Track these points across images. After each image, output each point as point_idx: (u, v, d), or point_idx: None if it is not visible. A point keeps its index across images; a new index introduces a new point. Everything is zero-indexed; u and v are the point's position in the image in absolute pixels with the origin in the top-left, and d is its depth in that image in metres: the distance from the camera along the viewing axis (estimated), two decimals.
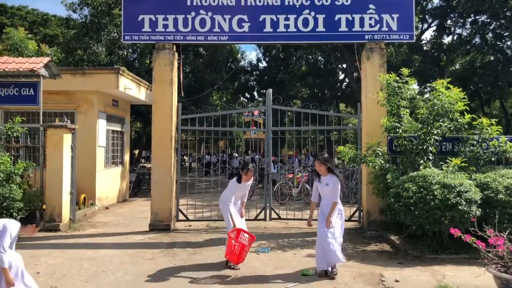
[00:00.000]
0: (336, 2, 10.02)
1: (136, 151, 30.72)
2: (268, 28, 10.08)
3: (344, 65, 26.33)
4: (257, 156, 19.48)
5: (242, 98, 33.12)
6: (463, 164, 8.26)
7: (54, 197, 9.96)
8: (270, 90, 10.94)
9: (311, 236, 6.41)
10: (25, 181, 10.09)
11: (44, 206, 9.99)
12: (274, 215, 10.92)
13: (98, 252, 7.99)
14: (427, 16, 23.62)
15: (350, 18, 10.01)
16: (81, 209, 11.88)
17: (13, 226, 5.08)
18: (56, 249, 8.11)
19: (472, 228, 5.57)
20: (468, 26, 23.12)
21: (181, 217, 10.63)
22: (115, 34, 21.81)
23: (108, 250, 8.13)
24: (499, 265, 5.05)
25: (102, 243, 8.72)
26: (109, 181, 14.40)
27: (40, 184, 10.26)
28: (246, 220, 7.92)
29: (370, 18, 10.00)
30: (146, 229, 10.03)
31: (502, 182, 7.61)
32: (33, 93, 10.64)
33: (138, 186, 18.00)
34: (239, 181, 7.16)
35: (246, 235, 6.92)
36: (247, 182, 7.24)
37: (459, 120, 8.94)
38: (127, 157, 16.41)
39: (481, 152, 8.82)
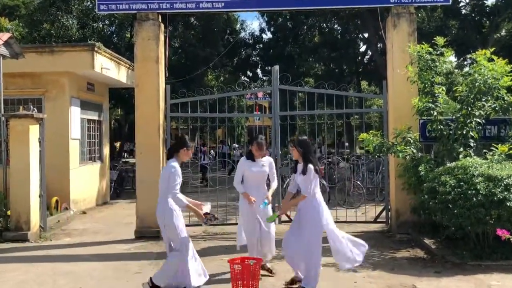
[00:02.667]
0: None
1: (117, 144, 30.85)
2: None
3: (366, 35, 26.18)
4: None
5: (243, 77, 33.12)
6: (511, 151, 8.24)
7: (19, 201, 10.00)
8: (277, 67, 10.92)
9: (327, 242, 6.41)
10: None
11: (8, 212, 10.06)
12: (284, 217, 10.94)
13: (75, 265, 8.06)
14: None
15: None
16: (53, 214, 11.95)
17: (176, 166, 6.42)
18: (25, 262, 8.17)
19: None
20: None
21: None
22: (88, 3, 21.79)
23: (87, 263, 8.20)
24: None
25: (80, 255, 8.79)
26: (86, 181, 14.47)
27: (3, 185, 10.33)
28: None
29: None
30: (132, 237, 10.09)
31: None
32: None
33: (121, 186, 18.10)
34: (249, 157, 7.17)
35: (251, 261, 6.47)
36: (261, 159, 7.17)
37: (505, 98, 8.89)
38: (106, 151, 16.47)
39: None
